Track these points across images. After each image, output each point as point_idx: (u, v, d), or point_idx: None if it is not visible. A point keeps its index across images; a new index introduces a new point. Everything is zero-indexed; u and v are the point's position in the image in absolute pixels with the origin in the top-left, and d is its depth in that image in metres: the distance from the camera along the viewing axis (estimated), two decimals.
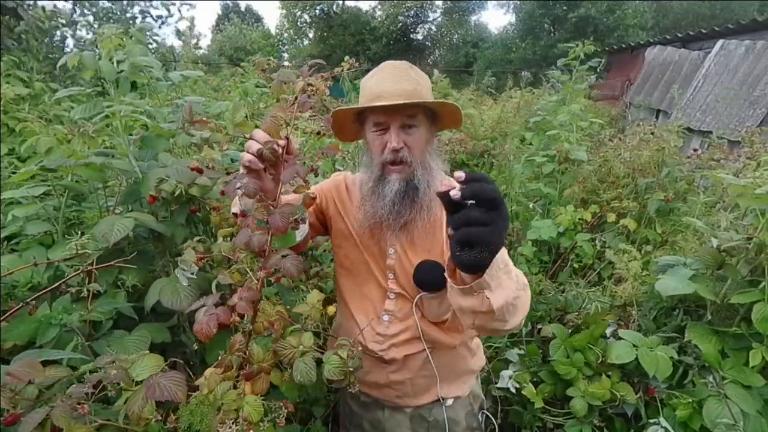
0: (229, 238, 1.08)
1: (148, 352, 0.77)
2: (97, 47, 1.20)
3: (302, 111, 0.78)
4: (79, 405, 0.61)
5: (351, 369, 0.78)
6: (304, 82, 0.79)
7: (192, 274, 0.99)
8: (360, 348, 0.89)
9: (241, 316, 0.73)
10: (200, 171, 1.08)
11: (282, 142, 0.78)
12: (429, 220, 1.03)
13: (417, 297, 1.05)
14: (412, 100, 0.94)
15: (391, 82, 0.96)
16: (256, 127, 0.83)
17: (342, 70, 0.86)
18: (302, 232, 0.98)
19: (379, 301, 1.11)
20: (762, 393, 1.27)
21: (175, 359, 0.80)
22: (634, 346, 1.42)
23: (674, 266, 1.46)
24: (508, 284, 0.74)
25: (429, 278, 1.02)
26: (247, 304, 0.72)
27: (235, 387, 0.77)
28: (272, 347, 0.81)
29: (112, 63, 1.13)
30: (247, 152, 0.79)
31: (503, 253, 0.72)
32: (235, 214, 0.98)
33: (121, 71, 1.17)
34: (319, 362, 0.81)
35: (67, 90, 1.19)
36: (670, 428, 1.27)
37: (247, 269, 0.77)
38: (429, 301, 1.05)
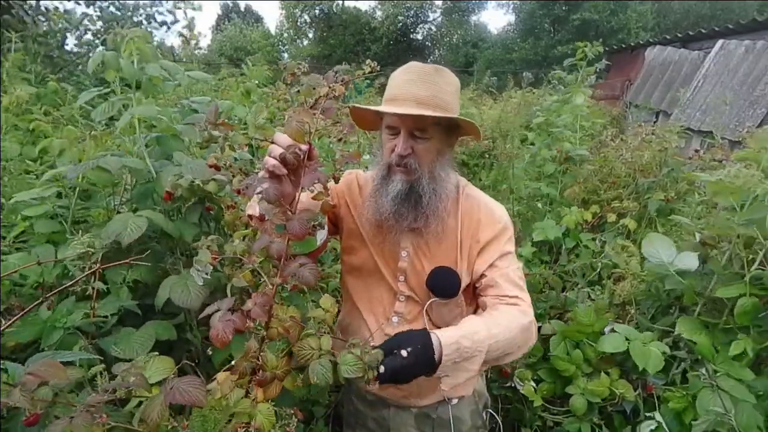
0: (243, 239, 1.09)
1: (157, 354, 0.78)
2: (101, 46, 1.22)
3: (326, 117, 0.79)
4: (97, 413, 0.61)
5: (368, 366, 0.78)
6: (329, 87, 0.79)
7: (207, 274, 1.00)
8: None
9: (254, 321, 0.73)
10: (218, 168, 1.10)
11: (304, 147, 0.78)
12: (440, 228, 1.04)
13: (428, 302, 1.05)
14: (420, 112, 0.92)
15: (409, 86, 0.96)
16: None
17: (363, 74, 0.87)
18: (321, 236, 0.99)
19: (388, 303, 1.12)
20: (753, 387, 1.28)
21: (187, 362, 0.80)
22: (627, 339, 1.44)
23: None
24: (466, 365, 0.89)
25: (442, 284, 1.04)
26: (262, 310, 0.72)
27: (247, 392, 0.76)
28: (287, 349, 0.81)
29: (133, 64, 1.15)
30: (270, 156, 0.79)
31: (450, 351, 0.86)
32: (250, 216, 1.00)
33: (146, 74, 1.19)
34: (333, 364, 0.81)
35: (89, 92, 1.20)
36: (662, 422, 1.29)
37: (260, 272, 0.77)
38: (438, 308, 1.06)
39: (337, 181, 0.88)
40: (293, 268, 0.74)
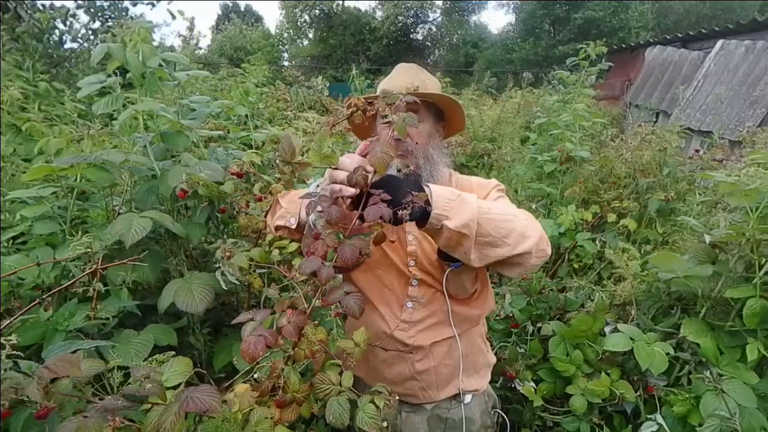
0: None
1: (173, 353, 0.77)
2: (96, 40, 1.21)
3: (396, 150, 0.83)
4: (111, 416, 0.59)
5: (385, 424, 0.75)
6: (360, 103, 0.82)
7: (236, 279, 1.00)
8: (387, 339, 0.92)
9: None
10: (240, 176, 1.10)
11: (370, 169, 0.81)
12: None
13: (446, 271, 1.07)
14: (411, 89, 1.00)
15: (396, 79, 1.09)
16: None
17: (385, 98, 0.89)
18: None
19: (401, 290, 1.13)
20: (756, 389, 1.28)
21: (200, 370, 0.78)
22: (631, 339, 1.43)
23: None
24: (466, 207, 0.88)
25: None
26: (295, 330, 0.70)
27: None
28: (310, 379, 0.78)
29: (138, 57, 1.13)
30: (336, 181, 0.83)
31: (442, 192, 0.88)
32: (277, 227, 1.03)
33: (150, 66, 1.17)
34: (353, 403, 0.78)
35: (90, 81, 1.18)
36: (664, 424, 1.28)
37: (296, 287, 0.76)
38: (455, 277, 1.08)
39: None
40: (338, 295, 0.73)
